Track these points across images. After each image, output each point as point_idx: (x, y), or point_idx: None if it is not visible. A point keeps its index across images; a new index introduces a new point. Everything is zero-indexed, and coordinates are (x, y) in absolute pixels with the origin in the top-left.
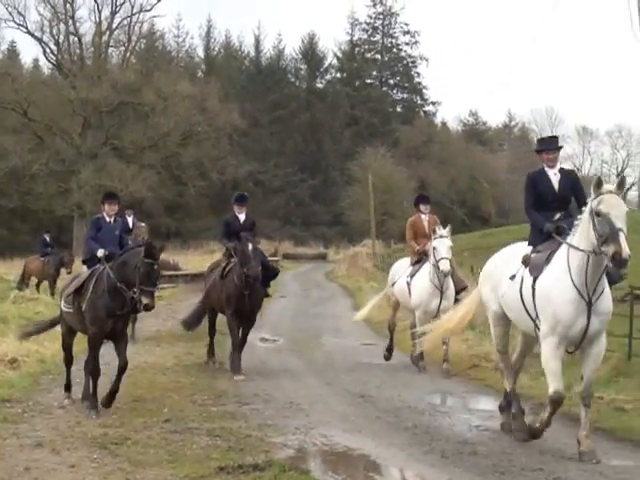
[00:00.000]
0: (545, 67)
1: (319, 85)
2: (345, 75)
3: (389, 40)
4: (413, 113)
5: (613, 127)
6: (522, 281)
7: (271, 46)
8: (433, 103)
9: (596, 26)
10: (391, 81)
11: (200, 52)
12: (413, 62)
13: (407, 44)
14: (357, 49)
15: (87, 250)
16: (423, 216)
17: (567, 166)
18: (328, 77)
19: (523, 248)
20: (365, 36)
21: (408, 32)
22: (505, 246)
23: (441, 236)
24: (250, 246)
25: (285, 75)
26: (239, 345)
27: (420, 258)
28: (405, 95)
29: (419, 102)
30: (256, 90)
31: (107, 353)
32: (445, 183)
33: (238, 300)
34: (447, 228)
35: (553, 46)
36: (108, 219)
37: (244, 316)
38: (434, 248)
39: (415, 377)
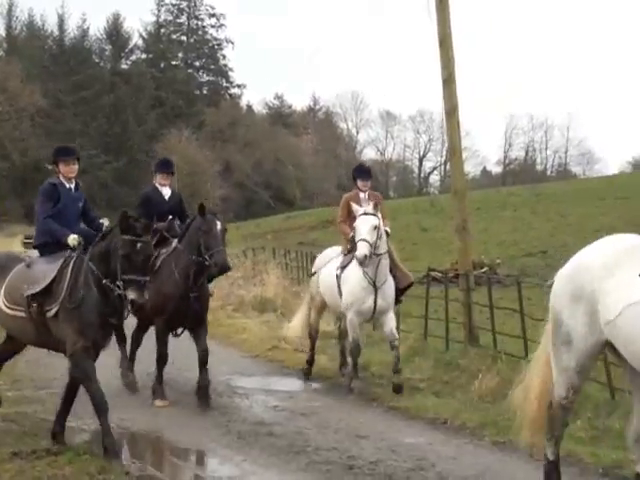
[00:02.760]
0: (350, 51)
1: (124, 66)
2: (150, 56)
3: (195, 22)
4: (218, 96)
5: (416, 112)
6: None
7: (75, 26)
8: (239, 86)
9: (399, 11)
10: (197, 63)
11: (1, 31)
12: (219, 45)
13: (213, 27)
14: (163, 30)
15: (44, 232)
16: (362, 194)
17: (371, 151)
18: (133, 58)
19: None
20: (171, 17)
21: (214, 15)
22: (310, 227)
23: (365, 213)
24: (219, 226)
25: (89, 56)
26: (162, 362)
27: (353, 247)
28: (211, 77)
29: (224, 85)
30: (59, 71)
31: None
32: (250, 166)
33: (181, 302)
34: (372, 204)
35: (358, 30)
36: (67, 185)
37: (190, 321)
38: (354, 228)
39: (214, 359)
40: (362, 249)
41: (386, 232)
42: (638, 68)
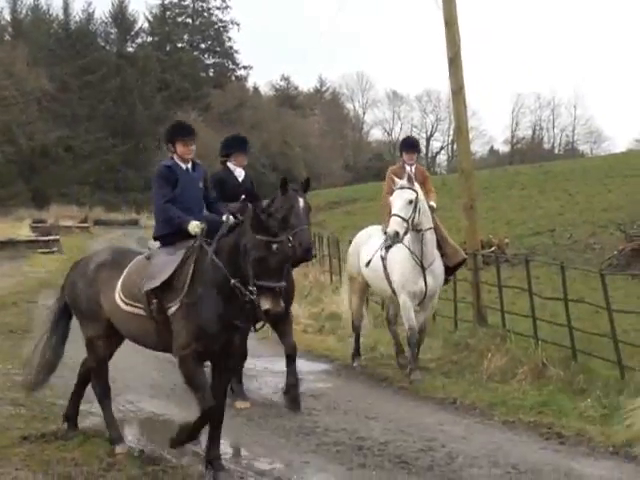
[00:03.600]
0: (356, 32)
1: (130, 49)
2: (156, 39)
3: (200, 4)
4: (225, 78)
5: (422, 92)
6: None
7: (80, 9)
8: (245, 67)
9: None
10: (202, 45)
11: (7, 15)
12: (224, 26)
13: (218, 8)
14: (168, 13)
15: (164, 220)
16: (407, 167)
17: (378, 131)
18: (139, 41)
19: None
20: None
21: None
22: (317, 209)
23: (401, 187)
24: (302, 203)
25: (95, 39)
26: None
27: None
28: (217, 59)
29: (231, 66)
30: (65, 54)
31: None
32: (257, 148)
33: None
34: (406, 177)
35: (363, 10)
36: (184, 166)
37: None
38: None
39: None
40: (392, 225)
41: (431, 207)
42: None
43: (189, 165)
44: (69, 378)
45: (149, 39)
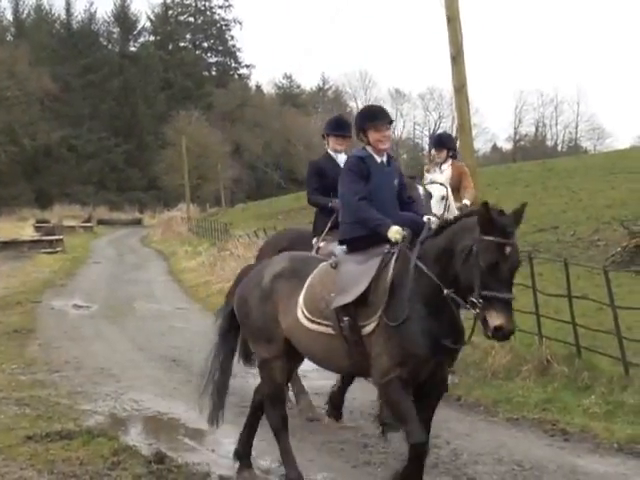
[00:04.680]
0: (358, 30)
1: (132, 49)
2: (158, 38)
3: (202, 3)
4: (227, 76)
5: (425, 90)
6: None
7: (82, 9)
8: (247, 66)
9: None
10: (205, 44)
11: (9, 15)
12: (227, 25)
13: (220, 7)
14: (170, 12)
15: (358, 221)
16: (444, 165)
17: None
18: (141, 40)
19: None
20: None
21: None
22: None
23: (432, 182)
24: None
25: (97, 39)
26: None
27: None
28: (219, 58)
29: (233, 65)
30: (67, 54)
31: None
32: (260, 146)
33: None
34: (444, 173)
35: (366, 8)
36: (378, 159)
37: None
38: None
39: None
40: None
41: (463, 205)
42: None
43: (384, 158)
44: (73, 377)
45: (151, 38)
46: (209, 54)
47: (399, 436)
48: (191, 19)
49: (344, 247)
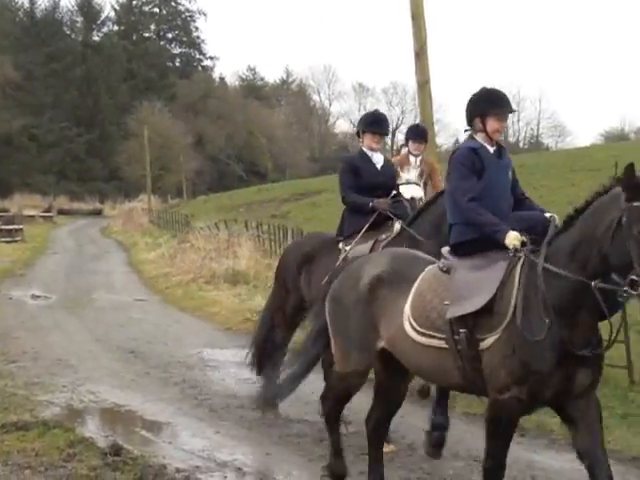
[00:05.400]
0: (322, 24)
1: (95, 38)
2: (122, 28)
3: None
4: (191, 68)
5: (389, 84)
6: None
7: None
8: (211, 58)
9: None
10: (169, 35)
11: None
12: (191, 16)
13: None
14: (135, 2)
15: (472, 222)
16: (412, 158)
17: (344, 123)
18: (105, 30)
19: None
20: None
21: None
22: (282, 200)
23: (407, 182)
24: None
25: (60, 28)
26: None
27: None
28: (183, 49)
29: (197, 57)
30: (30, 42)
31: None
32: (222, 138)
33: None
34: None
35: (330, 3)
36: (491, 149)
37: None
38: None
39: (186, 332)
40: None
41: None
42: (609, 41)
43: (495, 148)
44: (30, 368)
45: (115, 28)
46: (173, 45)
47: (357, 432)
48: (156, 10)
49: (448, 249)
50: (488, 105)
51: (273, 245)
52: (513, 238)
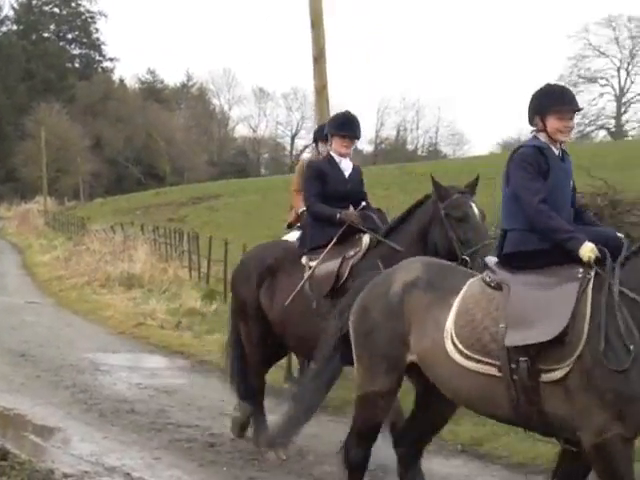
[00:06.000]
0: (223, 28)
1: None
2: (21, 28)
3: None
4: (91, 69)
5: (289, 89)
6: None
7: None
8: (111, 60)
9: None
10: (69, 36)
11: None
12: (92, 18)
13: None
14: (34, 1)
15: (545, 229)
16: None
17: (244, 127)
18: (4, 29)
19: None
20: None
21: None
22: (180, 204)
23: None
24: (476, 209)
25: None
26: None
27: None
28: (83, 51)
29: (97, 58)
30: None
31: None
32: (121, 141)
33: None
34: None
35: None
36: (555, 150)
37: None
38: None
39: (78, 335)
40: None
41: None
42: (507, 52)
43: (559, 151)
44: None
45: (14, 27)
46: (73, 46)
47: (247, 437)
48: (56, 10)
49: (494, 260)
50: (548, 102)
51: (169, 249)
52: (589, 250)
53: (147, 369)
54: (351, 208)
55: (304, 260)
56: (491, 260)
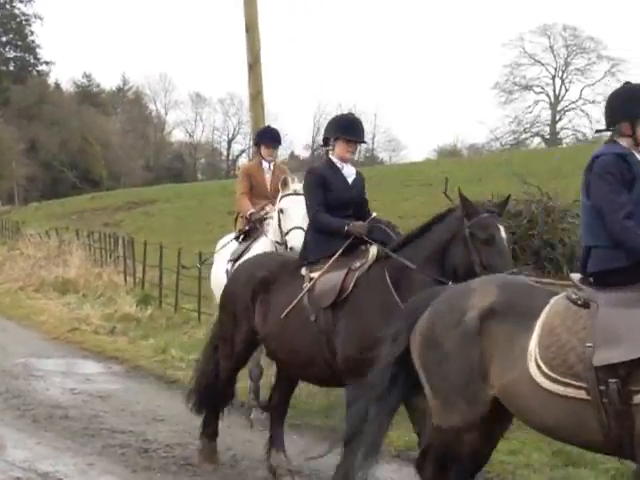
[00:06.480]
0: (158, 32)
1: None
2: None
3: None
4: (25, 72)
5: (225, 95)
6: None
7: None
8: (47, 63)
9: None
10: (3, 38)
11: None
12: (27, 20)
13: (21, 1)
14: None
15: (631, 246)
16: (265, 164)
17: (180, 132)
18: None
19: None
20: None
21: None
22: (116, 209)
23: (295, 192)
24: (503, 232)
25: None
26: None
27: (252, 228)
28: (17, 54)
29: (32, 61)
30: None
31: None
32: (56, 144)
33: None
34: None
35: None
36: (639, 156)
37: None
38: (281, 211)
39: (12, 341)
40: (297, 240)
41: None
42: (444, 58)
43: None
44: None
45: None
46: (7, 49)
47: (181, 443)
48: None
49: (579, 276)
50: (637, 105)
51: (104, 254)
52: None
53: (81, 374)
54: (359, 222)
55: (304, 271)
56: (575, 277)
